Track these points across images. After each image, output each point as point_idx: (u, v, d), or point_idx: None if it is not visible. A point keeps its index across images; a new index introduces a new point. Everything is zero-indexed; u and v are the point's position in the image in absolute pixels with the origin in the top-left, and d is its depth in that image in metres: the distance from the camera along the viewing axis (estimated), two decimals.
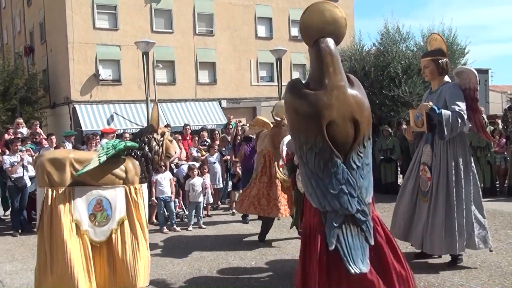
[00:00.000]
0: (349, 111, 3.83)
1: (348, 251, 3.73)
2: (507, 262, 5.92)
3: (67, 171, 4.55)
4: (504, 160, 11.23)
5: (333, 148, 3.76)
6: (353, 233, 3.80)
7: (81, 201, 4.57)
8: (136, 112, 24.39)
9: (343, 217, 3.79)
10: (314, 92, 3.83)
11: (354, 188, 3.80)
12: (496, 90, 40.91)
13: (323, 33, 3.99)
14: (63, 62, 24.61)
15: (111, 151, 4.60)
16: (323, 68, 3.90)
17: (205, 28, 27.56)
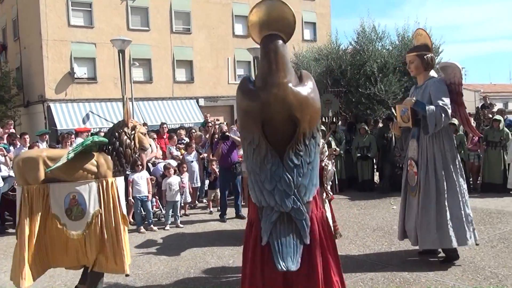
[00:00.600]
0: (287, 109, 3.81)
1: (279, 247, 3.76)
2: (480, 257, 6.04)
3: (40, 169, 4.69)
4: (478, 157, 11.44)
5: (269, 145, 3.79)
6: (286, 231, 3.82)
7: (57, 197, 4.72)
8: (113, 110, 24.13)
9: (278, 213, 3.81)
10: (255, 89, 3.86)
11: (289, 186, 3.80)
12: (469, 88, 41.57)
13: (270, 30, 3.99)
14: (37, 59, 24.19)
15: (78, 148, 4.75)
16: (266, 66, 3.91)
17: (182, 26, 27.41)
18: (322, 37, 27.48)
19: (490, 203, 9.45)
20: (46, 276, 6.01)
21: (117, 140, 4.98)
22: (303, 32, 31.10)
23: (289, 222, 3.83)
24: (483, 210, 8.85)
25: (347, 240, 7.20)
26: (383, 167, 11.96)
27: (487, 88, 44.26)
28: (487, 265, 5.73)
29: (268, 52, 3.93)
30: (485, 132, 11.22)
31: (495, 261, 5.89)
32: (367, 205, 10.06)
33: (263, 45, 3.98)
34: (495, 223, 7.83)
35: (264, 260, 3.84)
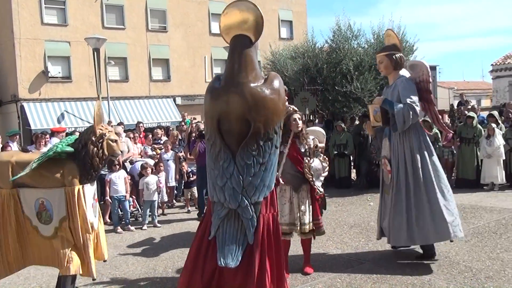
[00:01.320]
0: (242, 109, 3.88)
1: (223, 243, 3.86)
2: (454, 252, 6.15)
3: (9, 174, 4.77)
4: (452, 154, 11.64)
5: (223, 142, 3.89)
6: (233, 228, 3.91)
7: (27, 201, 4.82)
8: (88, 109, 23.78)
9: (227, 210, 3.91)
10: (217, 88, 4.00)
11: (238, 184, 3.86)
12: (444, 86, 42.15)
13: (239, 31, 4.07)
14: (9, 58, 23.70)
15: (41, 158, 4.74)
16: (229, 65, 4.04)
17: (158, 24, 27.19)
18: (299, 35, 27.58)
19: (464, 199, 9.62)
20: (21, 278, 5.92)
21: (83, 149, 4.87)
22: (280, 30, 31.19)
23: (236, 219, 3.91)
24: (457, 205, 8.94)
25: (325, 237, 7.23)
26: (359, 164, 12.08)
27: (461, 86, 45.02)
28: (462, 260, 5.84)
29: (233, 52, 4.03)
30: (459, 128, 11.43)
31: (469, 255, 6.00)
32: (344, 202, 10.16)
33: (230, 46, 4.09)
34: (468, 218, 7.98)
35: (207, 253, 3.94)
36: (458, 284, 5.05)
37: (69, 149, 4.89)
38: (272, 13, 30.89)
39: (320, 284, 5.26)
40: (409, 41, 15.62)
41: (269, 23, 30.60)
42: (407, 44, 15.49)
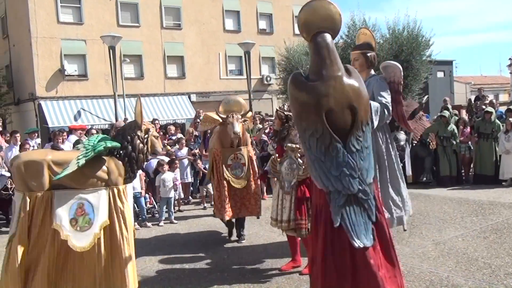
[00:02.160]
0: (346, 99, 4.10)
1: (352, 227, 3.99)
2: (473, 248, 6.09)
3: (45, 174, 4.25)
4: (469, 149, 11.52)
5: (332, 134, 4.03)
6: (356, 211, 4.06)
7: (61, 206, 4.27)
8: (104, 107, 24.01)
9: (346, 196, 4.05)
10: (313, 83, 4.11)
11: (354, 170, 4.05)
12: (460, 81, 41.78)
13: (320, 28, 4.23)
14: (27, 57, 23.99)
15: (90, 154, 4.34)
16: (320, 61, 4.16)
17: (173, 21, 27.29)
18: None
19: (482, 195, 9.51)
20: None
21: (130, 144, 4.63)
22: (294, 26, 31.07)
23: (357, 203, 4.08)
24: (475, 201, 8.91)
25: None
26: None
27: (478, 80, 44.49)
28: (480, 256, 5.77)
29: (321, 48, 4.19)
30: (477, 123, 11.29)
31: (487, 251, 5.93)
32: None
33: (315, 43, 4.22)
34: (487, 214, 7.89)
35: (334, 242, 4.06)
36: (477, 281, 5.00)
37: (117, 144, 4.60)
38: (286, 9, 30.82)
39: None
40: (425, 36, 15.52)
41: (283, 19, 30.57)
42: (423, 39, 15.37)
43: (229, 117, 6.81)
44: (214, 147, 7.11)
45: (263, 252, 6.46)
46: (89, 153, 4.35)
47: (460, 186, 10.69)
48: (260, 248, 6.67)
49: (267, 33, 30.10)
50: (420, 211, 8.30)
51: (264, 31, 30.05)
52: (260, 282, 5.38)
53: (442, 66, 34.27)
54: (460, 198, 9.25)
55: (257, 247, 6.78)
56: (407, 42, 17.39)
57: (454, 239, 6.52)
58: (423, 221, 7.62)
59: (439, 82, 34.53)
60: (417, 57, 17.85)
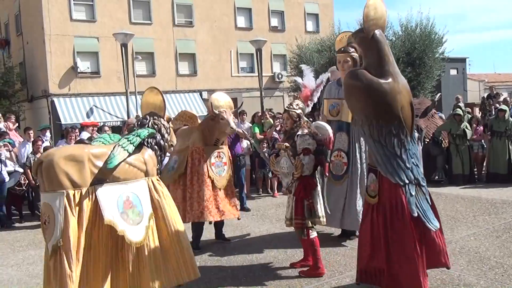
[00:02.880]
0: (408, 96, 4.38)
1: (424, 213, 4.31)
2: (485, 247, 6.04)
3: (87, 168, 3.96)
4: (482, 148, 11.43)
5: (406, 129, 4.30)
6: (422, 198, 4.37)
7: (108, 200, 3.99)
8: (116, 104, 24.16)
9: (415, 186, 4.33)
10: (387, 80, 4.24)
11: (419, 160, 4.46)
12: (474, 78, 41.37)
13: (377, 26, 4.37)
14: (40, 54, 24.21)
15: (135, 140, 4.13)
16: (384, 57, 4.32)
17: (184, 19, 27.35)
18: (325, 28, 27.39)
19: (495, 193, 9.43)
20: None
21: (159, 132, 4.47)
22: (306, 23, 31.01)
23: (420, 190, 4.39)
24: (488, 200, 8.84)
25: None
26: None
27: (492, 78, 44.02)
28: (492, 255, 5.73)
29: (384, 45, 4.34)
30: (490, 122, 11.19)
31: (500, 251, 5.89)
32: None
33: (378, 40, 4.32)
34: (500, 213, 7.82)
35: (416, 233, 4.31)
36: (489, 280, 4.96)
37: (154, 131, 4.42)
38: (298, 6, 30.74)
39: (347, 279, 5.24)
40: (438, 33, 15.40)
41: (295, 16, 30.49)
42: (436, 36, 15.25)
43: (223, 113, 6.44)
44: (195, 144, 6.57)
45: (273, 250, 6.46)
46: (134, 138, 4.18)
47: (472, 185, 10.61)
48: (271, 245, 6.68)
49: (279, 31, 30.04)
50: None
51: (276, 29, 30.00)
52: (270, 279, 5.38)
53: (455, 64, 33.97)
54: (473, 197, 9.18)
55: (268, 245, 6.78)
56: (420, 39, 17.27)
57: (466, 238, 6.47)
58: None
59: (452, 79, 34.25)
60: (430, 55, 17.72)
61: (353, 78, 4.29)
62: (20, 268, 6.40)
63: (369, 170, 4.75)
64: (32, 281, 5.78)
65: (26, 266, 6.47)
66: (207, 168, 6.48)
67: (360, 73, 4.27)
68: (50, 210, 3.87)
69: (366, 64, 4.41)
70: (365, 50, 4.45)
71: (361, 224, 4.80)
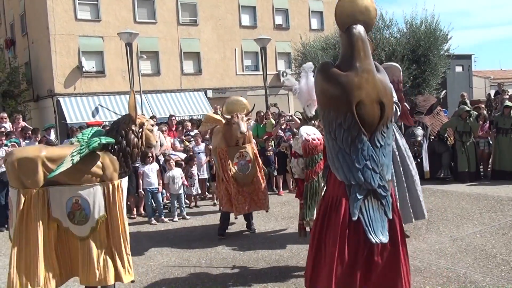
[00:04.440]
0: (376, 94, 4.11)
1: (369, 222, 3.99)
2: (491, 245, 6.03)
3: (39, 171, 4.23)
4: (488, 145, 11.37)
5: (361, 126, 4.03)
6: (374, 207, 4.06)
7: (57, 201, 4.32)
8: (121, 103, 24.20)
9: (366, 191, 4.04)
10: (346, 73, 4.10)
11: (377, 165, 4.06)
12: (479, 75, 41.22)
13: (355, 20, 4.27)
14: (45, 54, 24.29)
15: (84, 151, 4.27)
16: (354, 52, 4.16)
17: (189, 17, 27.35)
18: (330, 26, 27.30)
19: (500, 191, 9.40)
20: None
21: (124, 139, 4.57)
22: (310, 21, 30.95)
23: (375, 198, 4.08)
24: (494, 197, 8.82)
25: None
26: None
27: (497, 75, 43.84)
28: (499, 252, 5.72)
29: (356, 40, 4.18)
30: (496, 118, 11.14)
31: (506, 248, 5.87)
32: None
33: (350, 34, 4.22)
34: (506, 211, 7.80)
35: (351, 236, 4.04)
36: (495, 278, 4.95)
37: (112, 140, 4.54)
38: (302, 4, 30.70)
39: None
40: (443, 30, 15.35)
41: (299, 14, 30.45)
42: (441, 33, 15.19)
43: (234, 117, 6.93)
44: (219, 146, 7.23)
45: (279, 247, 6.47)
46: (83, 149, 4.30)
47: (478, 182, 10.58)
48: (277, 244, 6.69)
49: (283, 29, 30.01)
50: (438, 207, 8.24)
51: (280, 27, 29.96)
52: (276, 277, 5.40)
53: (460, 61, 33.83)
54: (479, 194, 9.16)
55: (273, 242, 6.80)
56: (424, 36, 17.20)
57: (472, 235, 6.46)
58: (441, 217, 7.56)
59: (458, 76, 34.11)
60: (435, 52, 17.65)
61: (317, 69, 4.31)
62: None
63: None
64: None
65: None
66: (230, 168, 7.05)
67: (323, 65, 4.26)
68: (11, 203, 4.37)
69: (339, 58, 4.35)
70: (342, 43, 4.45)
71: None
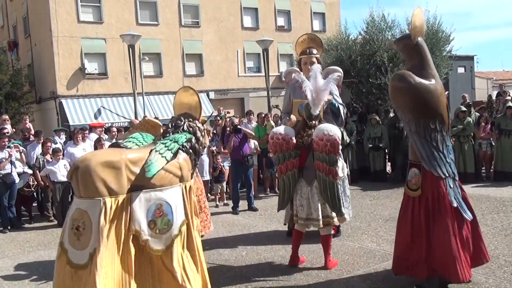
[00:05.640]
0: (445, 98, 4.76)
1: (461, 205, 4.70)
2: (493, 246, 6.03)
3: (124, 175, 3.78)
4: (490, 146, 11.36)
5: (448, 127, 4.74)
6: (457, 191, 4.74)
7: (139, 208, 3.84)
8: (124, 105, 24.24)
9: (452, 180, 4.71)
10: (431, 82, 4.65)
11: (453, 156, 4.81)
12: (482, 76, 41.17)
13: (421, 33, 4.83)
14: (48, 56, 24.34)
15: (174, 146, 3.97)
16: (427, 61, 4.75)
17: (191, 19, 27.39)
18: (331, 27, 27.33)
19: (503, 192, 9.39)
20: None
21: (194, 136, 4.30)
22: (312, 22, 30.97)
23: (455, 184, 4.75)
24: (497, 198, 8.81)
25: (360, 230, 7.22)
26: (395, 157, 11.93)
27: (500, 75, 43.78)
28: (501, 254, 5.72)
29: (426, 50, 4.78)
30: (498, 120, 11.13)
31: (509, 249, 5.87)
32: (380, 195, 10.07)
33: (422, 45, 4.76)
34: (508, 212, 7.79)
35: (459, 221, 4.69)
36: (498, 279, 4.95)
37: (191, 135, 4.27)
38: (304, 6, 30.71)
39: (355, 278, 5.24)
40: (445, 31, 15.34)
41: (301, 15, 30.48)
42: (443, 34, 15.19)
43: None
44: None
45: (281, 249, 6.48)
46: (171, 144, 3.99)
47: (481, 183, 10.57)
48: (279, 245, 6.69)
49: (285, 30, 30.02)
50: None
51: (282, 28, 29.97)
52: (278, 278, 5.41)
53: (462, 62, 33.84)
54: (481, 195, 9.15)
55: (275, 244, 6.80)
56: (427, 37, 17.15)
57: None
58: None
59: (460, 77, 34.10)
60: (437, 53, 17.63)
61: (401, 80, 4.64)
62: (30, 268, 6.45)
63: (410, 165, 4.94)
64: (42, 281, 5.83)
65: (36, 266, 6.52)
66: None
67: (408, 75, 4.61)
68: (87, 217, 3.70)
69: (410, 67, 4.74)
70: (409, 54, 4.83)
71: (401, 216, 4.97)
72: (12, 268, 6.52)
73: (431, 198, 4.69)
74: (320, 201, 5.42)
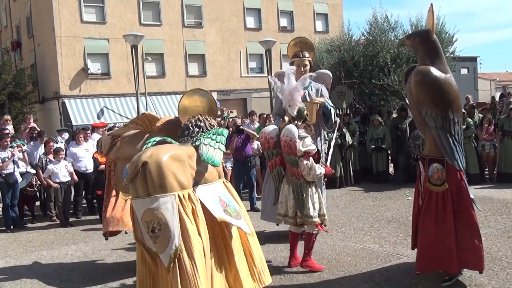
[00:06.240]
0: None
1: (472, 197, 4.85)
2: (496, 248, 6.00)
3: (187, 168, 3.72)
4: (493, 147, 11.32)
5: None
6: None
7: (209, 200, 3.79)
8: (126, 105, 24.28)
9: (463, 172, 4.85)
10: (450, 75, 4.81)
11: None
12: (485, 77, 41.13)
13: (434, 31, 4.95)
14: (51, 56, 24.40)
15: (221, 139, 3.92)
16: (443, 56, 4.91)
17: (194, 20, 27.42)
18: (334, 28, 27.31)
19: (506, 194, 9.36)
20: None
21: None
22: (315, 23, 30.96)
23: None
24: (500, 200, 8.78)
25: (362, 231, 7.20)
26: (397, 158, 11.91)
27: (503, 77, 43.71)
28: (504, 256, 5.69)
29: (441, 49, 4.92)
30: (501, 121, 11.09)
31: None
32: (382, 196, 10.04)
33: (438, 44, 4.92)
34: (511, 214, 7.76)
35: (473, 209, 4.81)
36: (500, 281, 4.93)
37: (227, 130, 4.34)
38: (307, 6, 30.71)
39: (358, 279, 5.23)
40: (448, 32, 15.28)
41: (304, 16, 30.48)
42: (446, 35, 15.14)
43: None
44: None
45: (284, 250, 6.47)
46: (219, 137, 3.94)
47: (484, 185, 10.54)
48: (281, 246, 6.68)
49: (288, 31, 30.02)
50: None
51: (285, 29, 29.98)
52: (281, 280, 5.40)
53: (466, 63, 33.83)
54: (484, 197, 9.12)
55: (278, 245, 6.78)
56: None
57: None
58: None
59: (463, 79, 34.08)
60: None
61: (425, 74, 4.69)
62: (33, 268, 6.46)
63: (430, 161, 4.92)
64: (44, 281, 5.84)
65: (38, 266, 6.53)
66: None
67: (431, 70, 4.69)
68: (161, 216, 3.52)
69: (429, 62, 4.79)
70: (426, 49, 4.88)
71: (425, 213, 4.91)
72: (14, 267, 6.52)
73: (456, 191, 4.79)
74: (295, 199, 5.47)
